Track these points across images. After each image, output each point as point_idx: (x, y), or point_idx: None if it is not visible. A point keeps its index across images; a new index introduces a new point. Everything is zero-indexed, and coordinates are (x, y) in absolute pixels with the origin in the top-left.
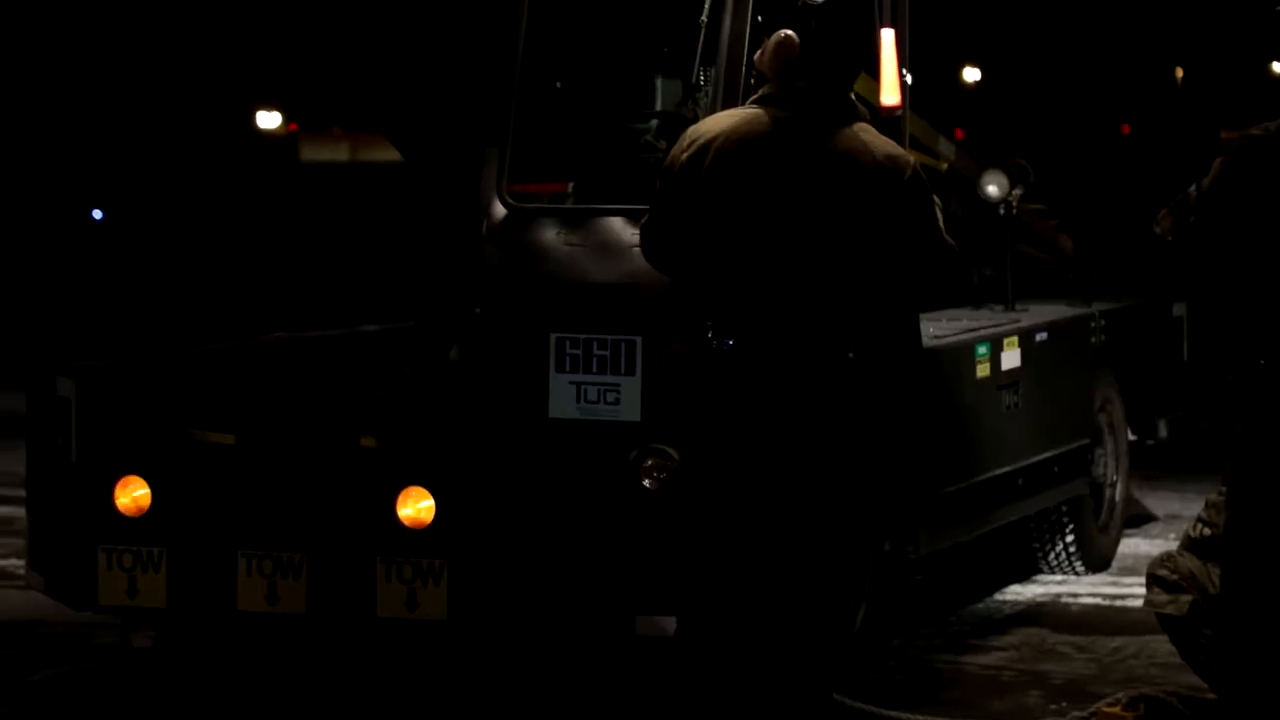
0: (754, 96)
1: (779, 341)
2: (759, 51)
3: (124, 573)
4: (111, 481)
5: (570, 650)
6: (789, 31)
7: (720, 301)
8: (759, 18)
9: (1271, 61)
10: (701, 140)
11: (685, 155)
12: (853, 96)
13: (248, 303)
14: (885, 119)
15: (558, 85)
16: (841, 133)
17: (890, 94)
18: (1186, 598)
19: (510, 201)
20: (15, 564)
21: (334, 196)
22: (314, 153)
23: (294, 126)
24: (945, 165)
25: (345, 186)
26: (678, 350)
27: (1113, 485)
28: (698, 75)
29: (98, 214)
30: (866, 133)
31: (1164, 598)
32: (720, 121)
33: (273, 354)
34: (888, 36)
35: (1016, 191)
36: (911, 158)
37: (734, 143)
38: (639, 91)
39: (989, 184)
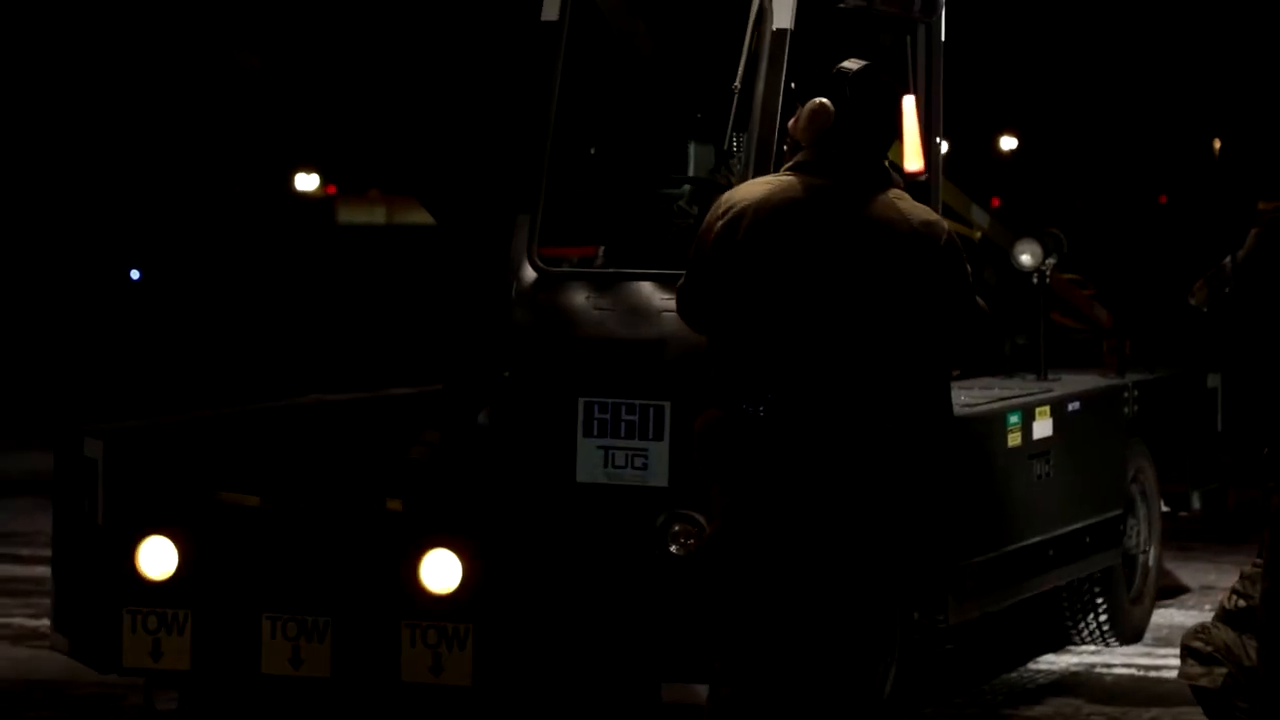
0: (788, 164)
1: (813, 410)
2: (793, 119)
3: (148, 635)
4: (137, 543)
5: (596, 717)
6: (823, 99)
7: (753, 368)
8: (793, 85)
9: None
10: (737, 208)
11: (720, 223)
12: (887, 164)
13: (283, 363)
14: (912, 184)
15: (590, 150)
16: (876, 200)
17: (913, 160)
18: (1221, 670)
19: (540, 265)
20: (46, 625)
21: (370, 258)
22: (351, 215)
23: (332, 189)
24: (979, 234)
25: (382, 249)
26: (714, 416)
27: (1145, 555)
28: (731, 141)
29: (135, 274)
30: (901, 200)
31: (1198, 670)
32: (755, 189)
33: (299, 416)
34: (909, 103)
35: (1050, 260)
36: (946, 223)
37: (769, 211)
38: (671, 157)
39: (1022, 253)
